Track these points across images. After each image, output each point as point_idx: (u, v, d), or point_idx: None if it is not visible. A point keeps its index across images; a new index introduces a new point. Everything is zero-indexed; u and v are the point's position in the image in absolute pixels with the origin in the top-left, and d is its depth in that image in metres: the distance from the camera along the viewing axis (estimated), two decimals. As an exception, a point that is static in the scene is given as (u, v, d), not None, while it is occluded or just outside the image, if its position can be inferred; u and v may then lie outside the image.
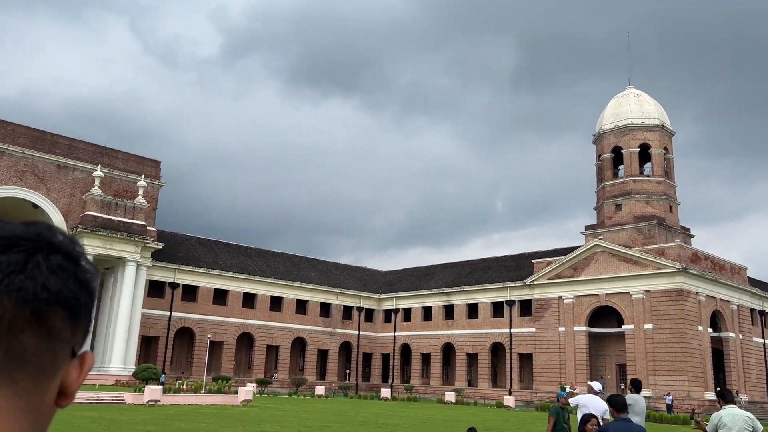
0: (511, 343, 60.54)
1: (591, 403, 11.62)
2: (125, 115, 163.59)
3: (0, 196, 45.17)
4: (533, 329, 58.59)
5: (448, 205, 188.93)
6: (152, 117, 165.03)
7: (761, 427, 8.88)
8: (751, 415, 8.93)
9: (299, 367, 68.67)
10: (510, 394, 55.43)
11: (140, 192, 50.74)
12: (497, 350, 63.17)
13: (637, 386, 12.88)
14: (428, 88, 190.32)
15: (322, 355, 69.36)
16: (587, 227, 60.38)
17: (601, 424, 11.54)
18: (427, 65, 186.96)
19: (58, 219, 46.84)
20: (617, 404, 6.81)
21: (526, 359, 60.11)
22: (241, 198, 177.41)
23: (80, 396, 31.14)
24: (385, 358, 73.07)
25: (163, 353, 56.53)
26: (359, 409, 36.79)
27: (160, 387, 32.50)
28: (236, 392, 35.98)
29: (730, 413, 8.81)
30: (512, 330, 60.67)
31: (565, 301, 56.32)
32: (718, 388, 9.52)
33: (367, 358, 73.53)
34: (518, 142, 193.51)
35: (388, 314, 73.57)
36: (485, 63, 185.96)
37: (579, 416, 11.42)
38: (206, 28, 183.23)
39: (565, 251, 59.93)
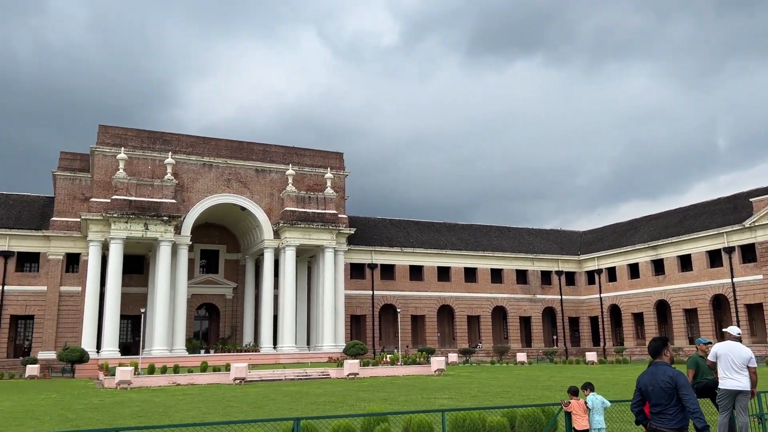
0: (734, 293, 54.35)
1: (731, 350, 9.93)
2: (324, 115, 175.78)
3: (216, 203, 51.60)
4: (760, 276, 51.92)
5: (659, 151, 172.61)
6: (347, 113, 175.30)
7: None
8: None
9: (503, 335, 68.81)
10: (738, 350, 49.94)
11: (328, 184, 54.53)
12: (720, 303, 57.11)
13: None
14: (618, 31, 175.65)
15: (525, 322, 68.65)
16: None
17: (750, 367, 9.91)
18: (613, 5, 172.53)
19: (263, 217, 52.30)
20: (650, 350, 6.37)
21: (755, 310, 53.51)
22: (434, 176, 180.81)
23: (291, 374, 34.70)
24: (593, 321, 69.99)
25: (371, 330, 60.52)
26: (555, 374, 35.91)
27: (358, 361, 34.88)
28: (429, 363, 37.23)
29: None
30: (734, 279, 54.40)
31: (797, 241, 48.91)
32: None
33: (574, 322, 71.09)
34: (734, 69, 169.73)
35: (590, 275, 70.27)
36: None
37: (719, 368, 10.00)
38: (384, 19, 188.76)
39: (791, 184, 51.90)
